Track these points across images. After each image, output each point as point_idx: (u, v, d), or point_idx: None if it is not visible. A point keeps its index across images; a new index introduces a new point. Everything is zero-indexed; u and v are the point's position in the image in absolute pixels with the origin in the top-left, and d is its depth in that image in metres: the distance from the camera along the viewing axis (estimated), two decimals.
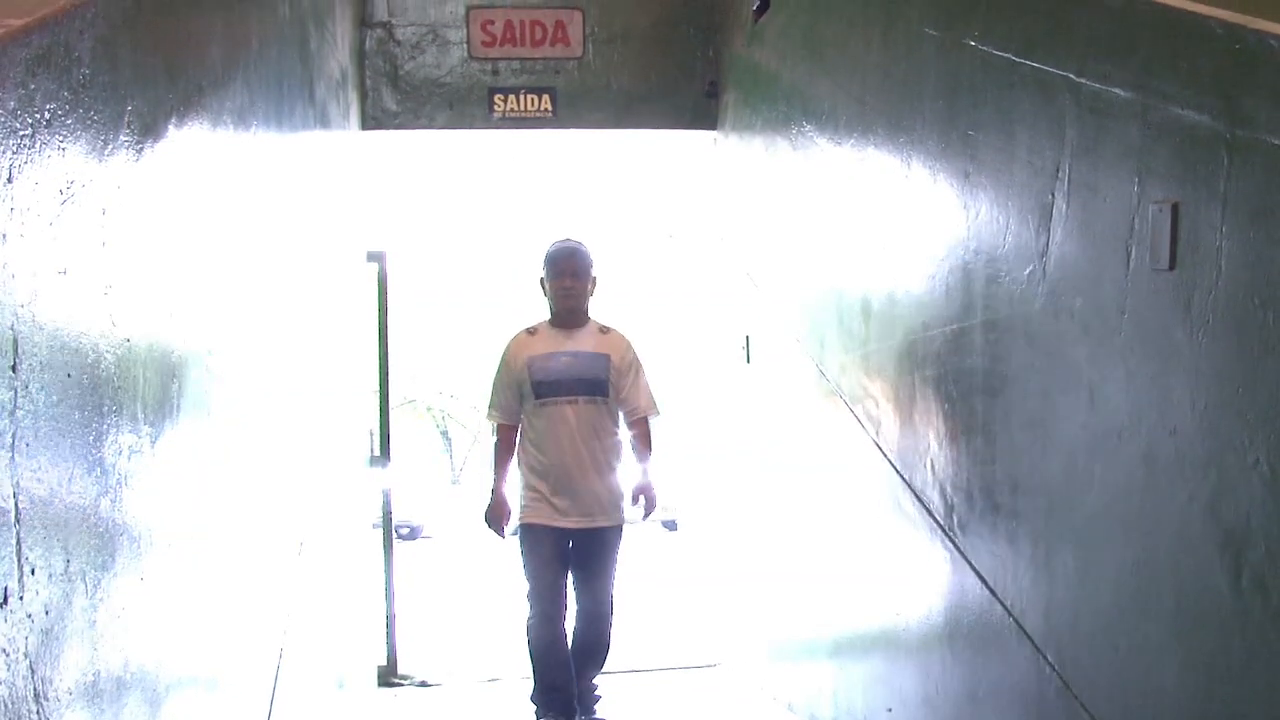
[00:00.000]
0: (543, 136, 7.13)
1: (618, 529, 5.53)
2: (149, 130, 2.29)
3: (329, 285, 5.33)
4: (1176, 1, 2.79)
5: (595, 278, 5.58)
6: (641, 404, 5.49)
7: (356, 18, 6.62)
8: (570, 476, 5.35)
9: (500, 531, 5.56)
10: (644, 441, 5.50)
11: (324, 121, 5.18)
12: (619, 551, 5.57)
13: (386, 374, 7.16)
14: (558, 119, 6.92)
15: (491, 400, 5.61)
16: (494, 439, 5.61)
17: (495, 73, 6.94)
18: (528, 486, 5.45)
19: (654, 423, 5.58)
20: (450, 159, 8.57)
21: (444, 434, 36.68)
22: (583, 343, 5.47)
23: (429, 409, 35.24)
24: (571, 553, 5.46)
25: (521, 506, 5.48)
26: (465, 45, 6.93)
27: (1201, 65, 2.63)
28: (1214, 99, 2.56)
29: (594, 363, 5.42)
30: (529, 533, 5.45)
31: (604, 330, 5.56)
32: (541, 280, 5.54)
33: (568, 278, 5.45)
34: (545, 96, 6.87)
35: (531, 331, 5.57)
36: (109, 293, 2.07)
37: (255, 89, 3.49)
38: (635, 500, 5.46)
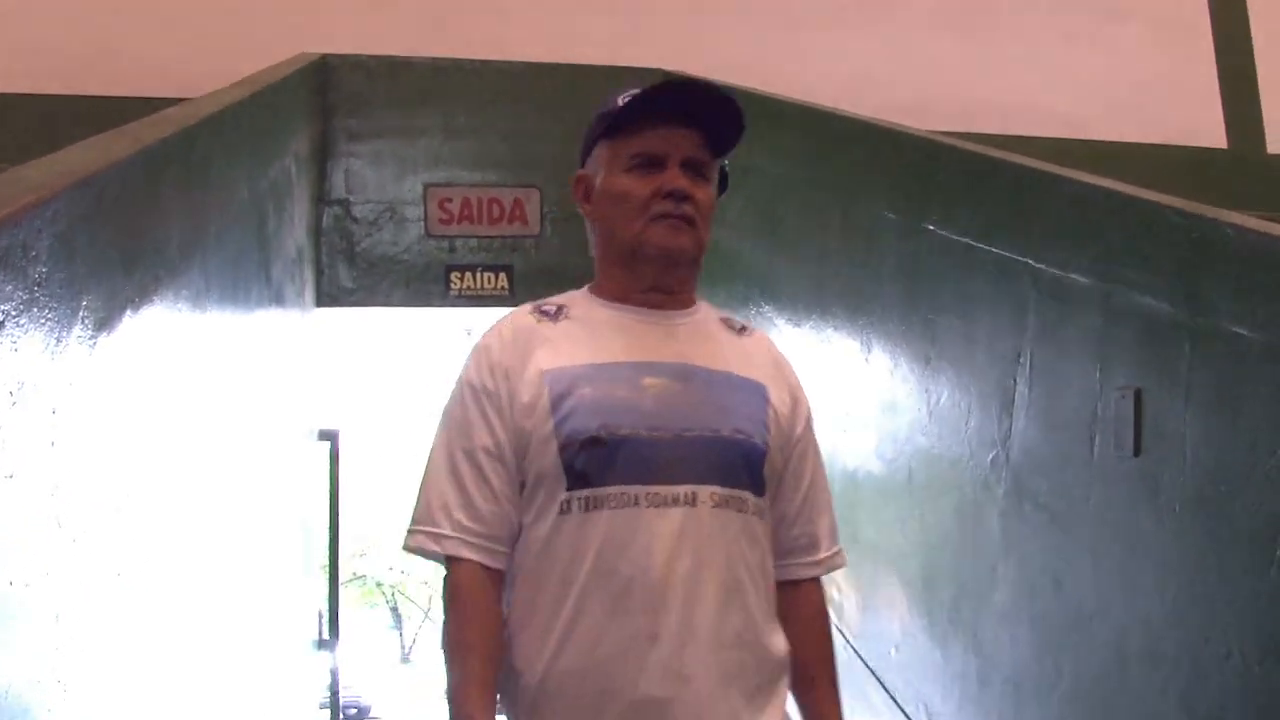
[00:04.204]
0: (500, 315, 7.14)
1: None
2: (103, 324, 2.25)
3: (279, 466, 5.26)
4: (1134, 190, 2.84)
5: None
6: (822, 525, 2.28)
7: (314, 195, 6.66)
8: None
9: None
10: (819, 636, 2.27)
11: (279, 300, 5.16)
12: None
13: (337, 553, 7.06)
14: (514, 297, 6.92)
15: (423, 500, 2.13)
16: (445, 610, 2.11)
17: (452, 250, 6.97)
18: None
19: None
20: (405, 334, 8.57)
21: (394, 610, 36.12)
22: (702, 347, 2.21)
23: (379, 584, 34.75)
24: None
25: None
26: (423, 222, 6.96)
27: (1160, 253, 2.66)
28: (1174, 286, 2.59)
29: (737, 399, 2.18)
30: None
31: (736, 326, 2.32)
32: (584, 182, 2.28)
33: (675, 167, 2.16)
34: (502, 274, 6.89)
35: (550, 312, 2.23)
36: (55, 494, 2.01)
37: (211, 274, 3.47)
38: None
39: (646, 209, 2.16)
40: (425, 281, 6.96)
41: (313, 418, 6.55)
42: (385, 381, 13.40)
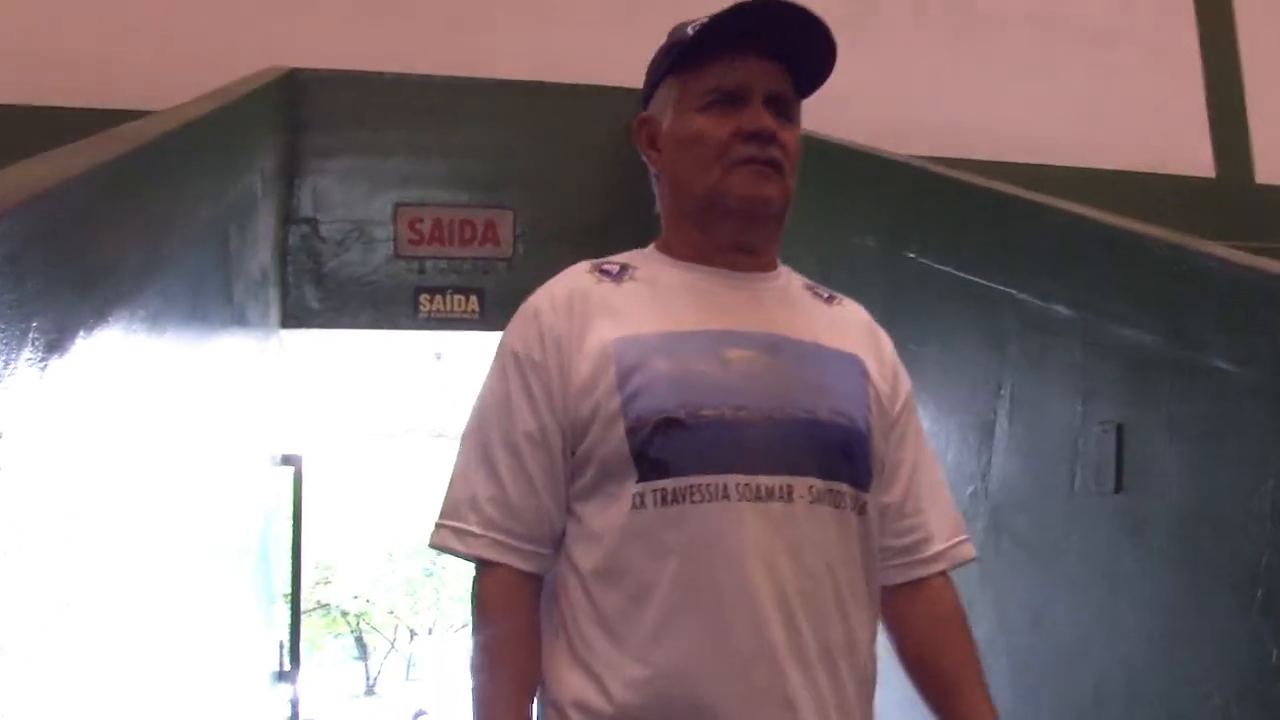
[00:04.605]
0: (470, 338, 7.05)
1: None
2: (54, 347, 2.17)
3: (239, 492, 5.17)
4: (1118, 220, 2.80)
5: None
6: (933, 514, 1.99)
7: (280, 214, 6.56)
8: None
9: None
10: (959, 637, 1.95)
11: (242, 322, 5.07)
12: None
13: (299, 581, 6.94)
14: (485, 320, 6.81)
15: (452, 490, 1.84)
16: (473, 621, 1.82)
17: (422, 272, 6.86)
18: None
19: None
20: (373, 357, 8.49)
21: (358, 640, 35.77)
22: (791, 315, 1.91)
23: (343, 614, 34.42)
24: None
25: None
26: (392, 243, 6.85)
27: (1145, 285, 2.62)
28: (1157, 320, 2.55)
29: (833, 375, 1.88)
30: None
31: (824, 294, 2.06)
32: (648, 126, 1.96)
33: (758, 104, 1.86)
34: (473, 297, 6.78)
35: (611, 272, 1.90)
36: (1, 522, 1.93)
37: (170, 294, 3.39)
38: None
39: (726, 152, 1.86)
40: (394, 303, 6.85)
41: (276, 442, 6.45)
42: (352, 405, 13.28)
